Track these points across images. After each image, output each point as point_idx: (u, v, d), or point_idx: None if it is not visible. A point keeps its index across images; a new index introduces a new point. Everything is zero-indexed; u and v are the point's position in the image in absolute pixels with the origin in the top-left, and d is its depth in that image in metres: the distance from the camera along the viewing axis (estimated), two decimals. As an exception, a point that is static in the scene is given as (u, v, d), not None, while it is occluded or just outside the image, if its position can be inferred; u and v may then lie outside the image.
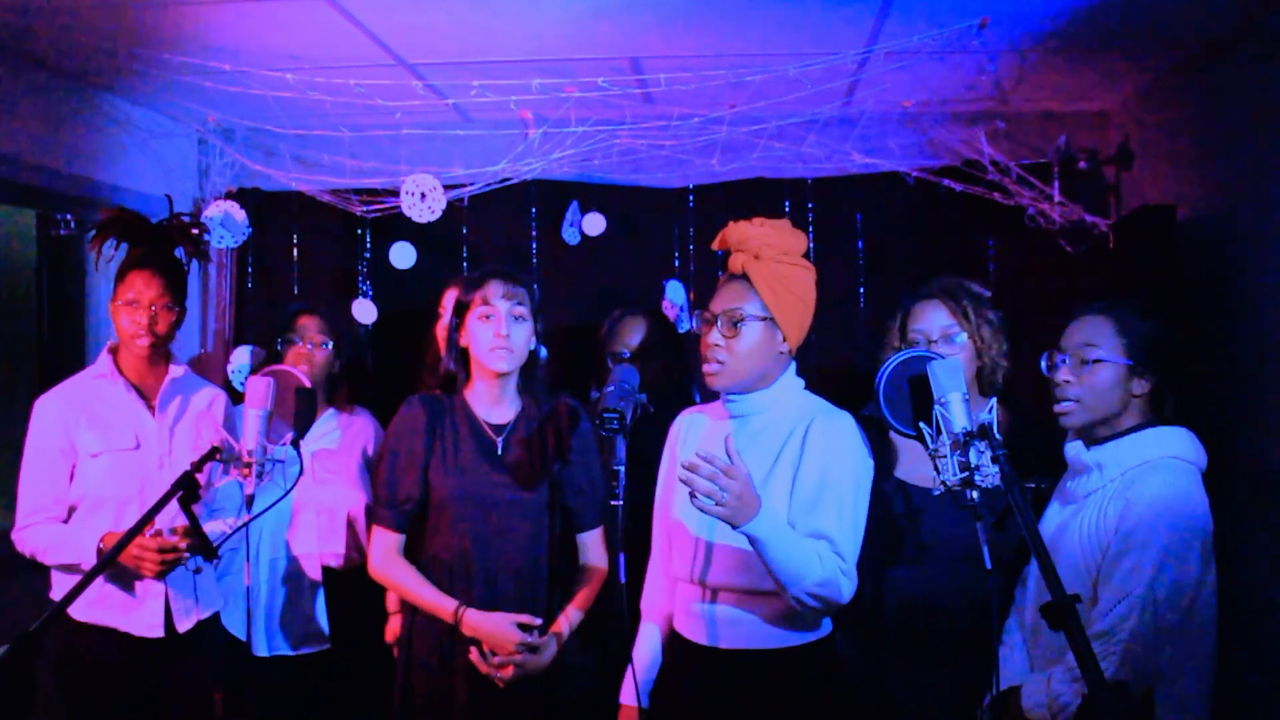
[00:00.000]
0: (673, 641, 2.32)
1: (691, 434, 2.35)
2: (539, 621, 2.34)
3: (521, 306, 2.40)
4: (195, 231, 2.89)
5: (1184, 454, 2.07)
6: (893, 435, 2.40)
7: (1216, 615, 2.08)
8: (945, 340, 2.41)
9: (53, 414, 2.64)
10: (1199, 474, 2.08)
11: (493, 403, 2.46)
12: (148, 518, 2.12)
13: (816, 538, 2.08)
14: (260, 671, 2.93)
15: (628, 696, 2.31)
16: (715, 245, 2.29)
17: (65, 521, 2.64)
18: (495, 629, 2.31)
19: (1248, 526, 2.63)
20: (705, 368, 2.21)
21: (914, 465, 2.41)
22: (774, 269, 2.17)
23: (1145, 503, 1.99)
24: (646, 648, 2.37)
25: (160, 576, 2.53)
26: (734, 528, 1.97)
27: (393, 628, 2.78)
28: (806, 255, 2.26)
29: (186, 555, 2.50)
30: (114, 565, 2.50)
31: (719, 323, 2.17)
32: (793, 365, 2.27)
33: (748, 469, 1.98)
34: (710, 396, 2.58)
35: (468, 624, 2.32)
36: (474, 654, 2.32)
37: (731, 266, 2.23)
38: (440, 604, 2.35)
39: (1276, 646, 2.55)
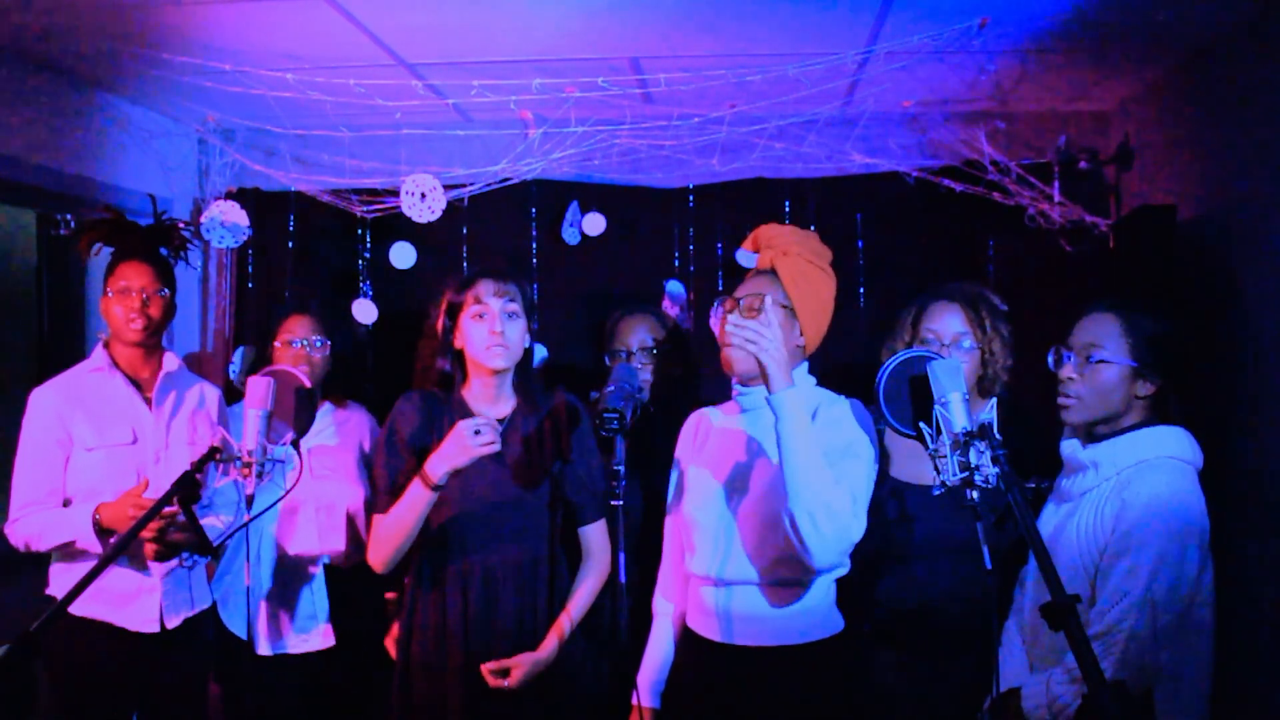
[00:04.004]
0: (685, 639, 2.33)
1: (703, 433, 2.38)
2: (495, 422, 2.28)
3: (514, 304, 2.40)
4: (181, 228, 2.90)
5: (1180, 453, 2.07)
6: (888, 435, 2.40)
7: (1214, 615, 2.08)
8: (955, 345, 2.41)
9: (49, 406, 2.63)
10: (1195, 473, 2.08)
11: (490, 401, 2.46)
12: (148, 518, 2.11)
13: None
14: (263, 670, 2.93)
15: (644, 697, 2.33)
16: (746, 245, 2.38)
17: None
18: (453, 437, 2.24)
19: (1245, 526, 2.63)
20: (725, 351, 2.24)
21: (910, 465, 2.42)
22: (801, 266, 2.25)
23: (1142, 503, 1.99)
24: (659, 647, 2.39)
25: (160, 558, 2.51)
26: (769, 390, 2.04)
27: (394, 632, 2.77)
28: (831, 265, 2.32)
29: (187, 544, 2.49)
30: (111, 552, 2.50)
31: (741, 306, 2.22)
32: (805, 364, 2.30)
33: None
34: (713, 399, 2.58)
35: (437, 464, 2.25)
36: (484, 668, 2.31)
37: (760, 263, 2.31)
38: (416, 494, 2.28)
39: (1275, 646, 2.55)
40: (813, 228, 3.63)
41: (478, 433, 2.23)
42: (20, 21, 2.76)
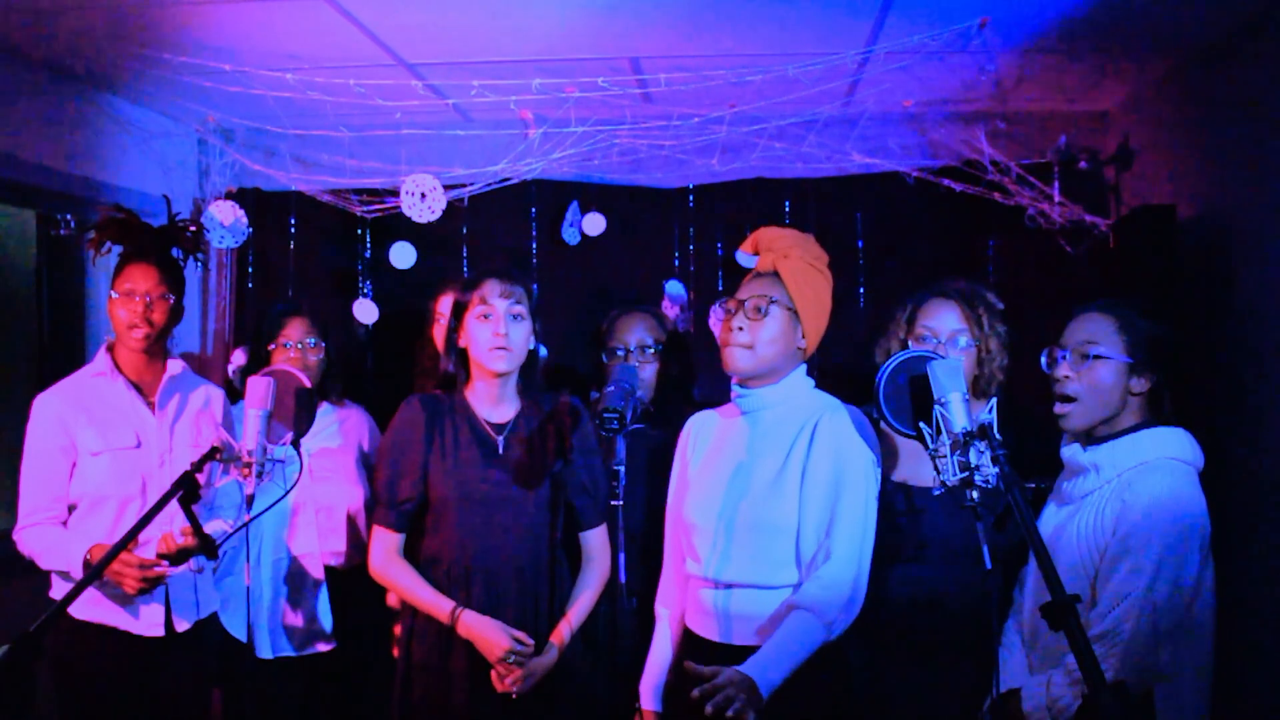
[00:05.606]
0: (685, 639, 2.33)
1: (702, 436, 2.38)
2: (532, 643, 2.32)
3: (520, 305, 2.39)
4: (193, 230, 2.89)
5: (1181, 454, 2.07)
6: (893, 435, 2.40)
7: (1215, 615, 2.08)
8: (951, 342, 2.40)
9: (52, 412, 2.63)
10: (1196, 474, 2.08)
11: (493, 402, 2.46)
12: (145, 521, 2.10)
13: (824, 552, 2.14)
14: (265, 673, 2.92)
15: (645, 700, 2.34)
16: (745, 248, 2.36)
17: (67, 519, 2.63)
18: (488, 634, 2.29)
19: (1246, 526, 2.63)
20: (727, 351, 2.24)
21: (915, 466, 2.41)
22: (802, 268, 2.25)
23: (1143, 504, 1.99)
24: (660, 650, 2.39)
25: (141, 594, 2.50)
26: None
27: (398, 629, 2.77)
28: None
29: (169, 572, 2.49)
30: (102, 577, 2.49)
31: (745, 307, 2.22)
32: (803, 365, 2.30)
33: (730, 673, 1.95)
34: (712, 399, 2.58)
35: (463, 624, 2.31)
36: (494, 675, 2.31)
37: (760, 265, 2.30)
38: (438, 604, 2.34)
39: (1275, 646, 2.55)
40: (812, 228, 3.63)
41: (512, 654, 2.27)
42: (20, 21, 2.76)
